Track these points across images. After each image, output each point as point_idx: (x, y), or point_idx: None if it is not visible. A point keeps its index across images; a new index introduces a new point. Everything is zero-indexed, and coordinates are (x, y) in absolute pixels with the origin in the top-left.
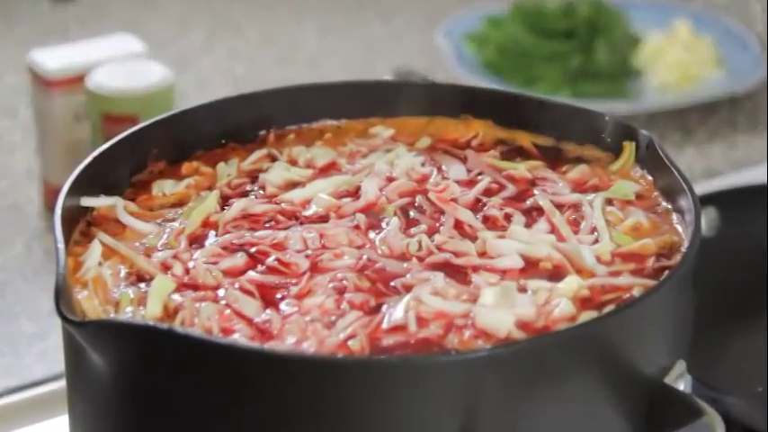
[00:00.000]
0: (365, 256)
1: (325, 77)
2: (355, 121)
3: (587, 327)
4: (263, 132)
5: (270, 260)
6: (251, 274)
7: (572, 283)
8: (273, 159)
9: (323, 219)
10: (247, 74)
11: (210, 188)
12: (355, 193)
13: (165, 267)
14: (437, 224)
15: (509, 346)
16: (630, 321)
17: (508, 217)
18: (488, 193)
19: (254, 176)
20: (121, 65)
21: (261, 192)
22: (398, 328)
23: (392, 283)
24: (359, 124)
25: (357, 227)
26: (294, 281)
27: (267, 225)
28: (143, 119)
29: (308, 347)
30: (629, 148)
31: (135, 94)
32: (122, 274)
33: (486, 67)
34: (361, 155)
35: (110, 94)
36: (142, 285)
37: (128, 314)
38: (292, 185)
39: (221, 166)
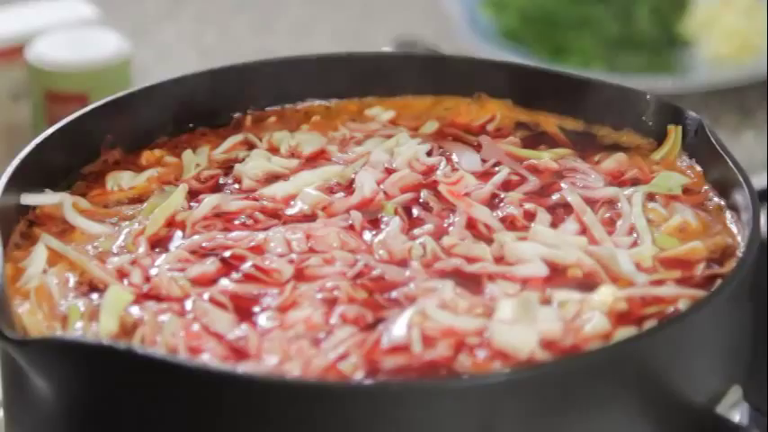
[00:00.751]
0: (360, 262)
1: (313, 49)
2: (348, 101)
3: (624, 346)
4: (237, 114)
5: (246, 266)
6: (224, 282)
7: (606, 294)
8: (251, 147)
9: (310, 218)
10: (218, 44)
11: (176, 181)
12: (348, 187)
13: (122, 275)
14: (445, 224)
15: (531, 369)
16: (676, 339)
17: (530, 215)
18: (507, 186)
19: (227, 167)
20: (68, 33)
21: (236, 186)
22: (400, 348)
23: (392, 294)
24: (352, 105)
25: (351, 227)
26: (275, 291)
27: (244, 225)
28: (95, 98)
29: (292, 369)
30: (674, 132)
31: (84, 68)
32: (71, 283)
33: (504, 36)
34: (356, 141)
35: (54, 68)
36: (94, 296)
37: (77, 331)
38: (273, 178)
39: (188, 154)
